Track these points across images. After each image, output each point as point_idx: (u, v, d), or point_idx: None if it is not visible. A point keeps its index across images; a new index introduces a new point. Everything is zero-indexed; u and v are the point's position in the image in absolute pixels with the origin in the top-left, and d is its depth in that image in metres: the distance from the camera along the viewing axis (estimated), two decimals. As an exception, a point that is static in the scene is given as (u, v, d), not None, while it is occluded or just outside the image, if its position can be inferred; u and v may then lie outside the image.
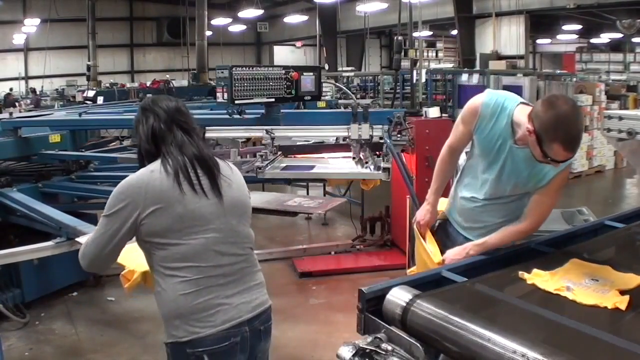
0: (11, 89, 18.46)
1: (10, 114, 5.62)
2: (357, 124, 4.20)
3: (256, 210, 3.73)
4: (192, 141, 1.91)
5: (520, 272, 1.78)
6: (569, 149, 1.93)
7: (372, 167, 4.30)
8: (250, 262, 1.96)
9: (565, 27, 19.94)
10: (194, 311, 1.79)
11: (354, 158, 4.34)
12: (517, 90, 8.83)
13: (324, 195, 6.81)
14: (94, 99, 11.68)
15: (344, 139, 4.36)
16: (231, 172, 1.98)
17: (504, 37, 15.59)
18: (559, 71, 13.41)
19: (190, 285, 1.79)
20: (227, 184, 1.91)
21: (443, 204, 2.59)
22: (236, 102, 3.89)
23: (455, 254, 2.27)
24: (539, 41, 23.29)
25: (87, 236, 2.93)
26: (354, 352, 1.39)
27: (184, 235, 1.80)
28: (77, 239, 3.31)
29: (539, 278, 1.73)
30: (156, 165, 1.85)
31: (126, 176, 1.88)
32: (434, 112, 5.46)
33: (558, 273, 1.76)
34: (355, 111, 4.28)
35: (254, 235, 2.02)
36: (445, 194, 2.60)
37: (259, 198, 3.83)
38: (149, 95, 13.40)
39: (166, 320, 1.85)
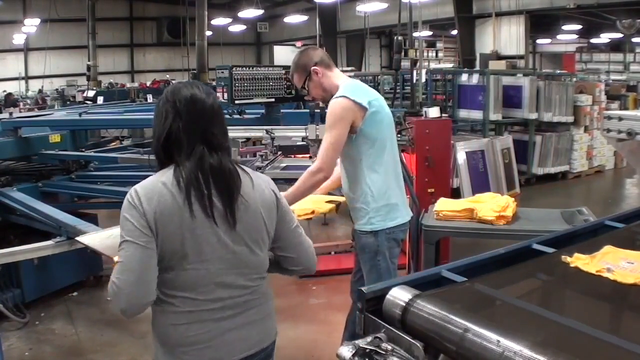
0: (4, 91, 18.30)
1: (10, 114, 5.62)
2: (314, 124, 4.19)
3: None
4: (214, 152, 1.63)
5: (563, 256, 1.89)
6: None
7: None
8: (259, 294, 1.74)
9: (565, 27, 19.95)
10: (181, 344, 1.63)
11: (310, 157, 4.28)
12: (517, 90, 8.84)
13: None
14: (94, 99, 11.70)
15: (303, 139, 4.34)
16: (252, 189, 1.69)
17: (504, 37, 15.59)
18: (559, 71, 13.38)
19: (182, 317, 1.63)
20: (244, 207, 1.65)
21: (443, 204, 2.59)
22: (236, 102, 3.88)
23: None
24: (539, 41, 23.30)
25: (86, 237, 2.94)
26: (353, 351, 1.39)
27: (187, 263, 1.60)
28: (77, 238, 3.31)
29: (580, 261, 1.85)
30: (168, 176, 1.60)
31: (126, 176, 1.86)
32: (434, 112, 5.47)
33: (596, 257, 1.88)
34: (312, 111, 4.26)
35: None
36: (444, 194, 2.61)
37: None
38: (149, 95, 13.27)
39: (154, 342, 1.72)
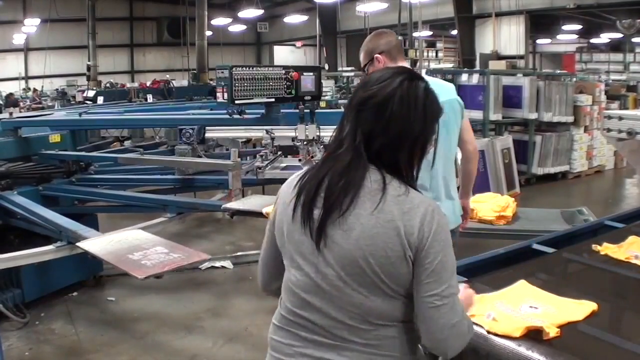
0: (24, 89, 18.44)
1: (10, 114, 5.63)
2: (304, 125, 4.20)
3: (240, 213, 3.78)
4: (353, 157, 1.31)
5: (593, 245, 2.01)
6: None
7: None
8: (364, 338, 1.31)
9: (565, 27, 19.94)
10: (273, 346, 1.44)
11: (300, 160, 4.26)
12: (517, 90, 8.82)
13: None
14: (94, 99, 11.70)
15: (292, 139, 4.34)
16: (370, 213, 1.28)
17: (504, 37, 15.61)
18: (559, 71, 13.34)
19: (279, 319, 1.43)
20: (342, 231, 1.30)
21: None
22: (236, 102, 3.88)
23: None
24: (539, 41, 23.28)
25: (87, 243, 2.90)
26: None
27: (285, 259, 1.43)
28: (78, 244, 3.29)
29: (609, 250, 1.97)
30: (305, 170, 1.42)
31: (127, 179, 1.85)
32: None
33: (623, 246, 2.00)
34: (302, 113, 4.26)
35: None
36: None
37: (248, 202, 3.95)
38: (149, 95, 13.27)
39: None
